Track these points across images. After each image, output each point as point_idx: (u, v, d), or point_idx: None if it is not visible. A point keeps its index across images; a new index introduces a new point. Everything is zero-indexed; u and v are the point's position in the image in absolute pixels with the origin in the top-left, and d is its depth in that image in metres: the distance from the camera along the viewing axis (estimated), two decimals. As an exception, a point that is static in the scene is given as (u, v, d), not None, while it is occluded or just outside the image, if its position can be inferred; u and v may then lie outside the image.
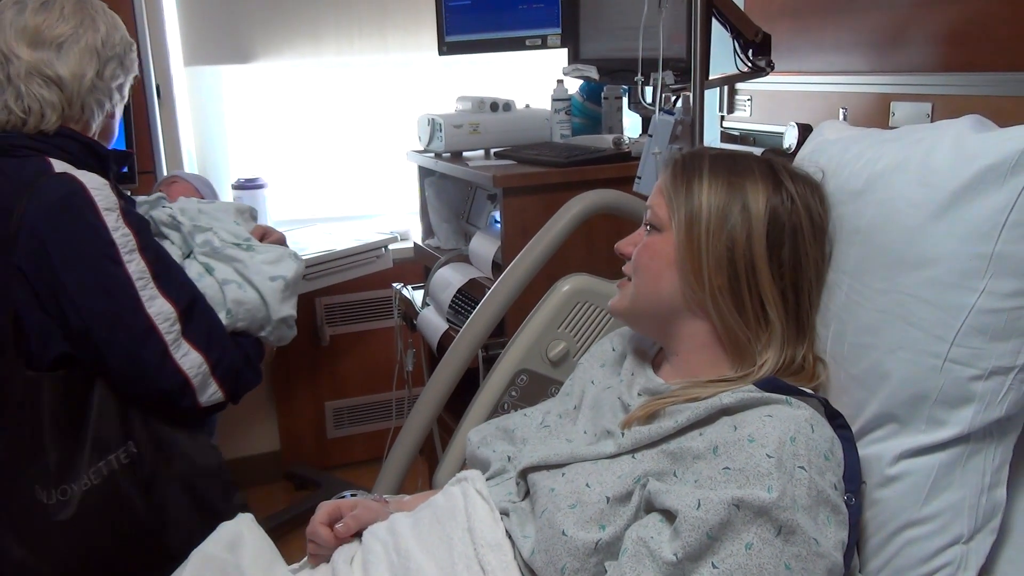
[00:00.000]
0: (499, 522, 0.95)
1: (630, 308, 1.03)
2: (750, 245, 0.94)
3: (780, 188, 0.97)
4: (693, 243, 0.96)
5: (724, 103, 2.28)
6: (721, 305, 0.95)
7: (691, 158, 1.02)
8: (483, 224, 2.06)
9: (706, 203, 0.96)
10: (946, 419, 0.84)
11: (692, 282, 0.96)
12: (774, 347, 0.94)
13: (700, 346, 0.98)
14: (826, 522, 0.79)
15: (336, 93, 2.82)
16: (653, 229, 1.01)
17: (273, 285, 1.48)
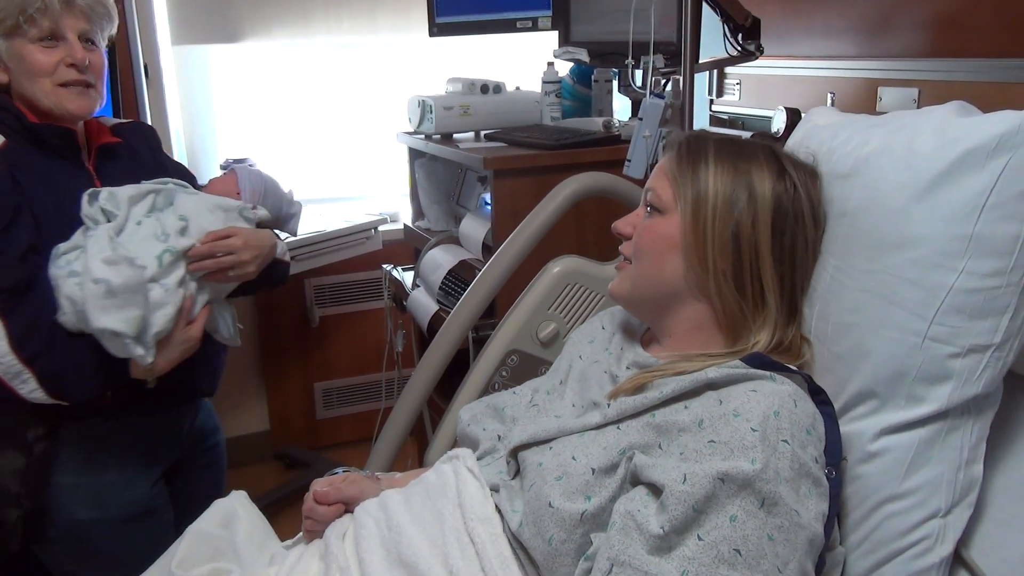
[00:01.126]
0: (489, 498, 0.96)
1: (631, 291, 1.04)
2: (755, 231, 0.96)
3: (784, 175, 0.99)
4: (699, 227, 0.97)
5: (713, 87, 2.29)
6: (724, 289, 0.96)
7: (696, 141, 1.02)
8: (473, 206, 2.07)
9: (712, 187, 0.97)
10: (925, 396, 0.87)
11: (696, 265, 0.97)
12: (767, 329, 0.97)
13: (695, 328, 1.00)
14: (807, 494, 0.81)
15: (325, 73, 2.81)
16: (655, 211, 1.01)
17: (94, 288, 1.20)
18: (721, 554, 0.77)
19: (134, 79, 2.50)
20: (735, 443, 0.81)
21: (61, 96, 1.32)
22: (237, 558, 1.11)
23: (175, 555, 1.10)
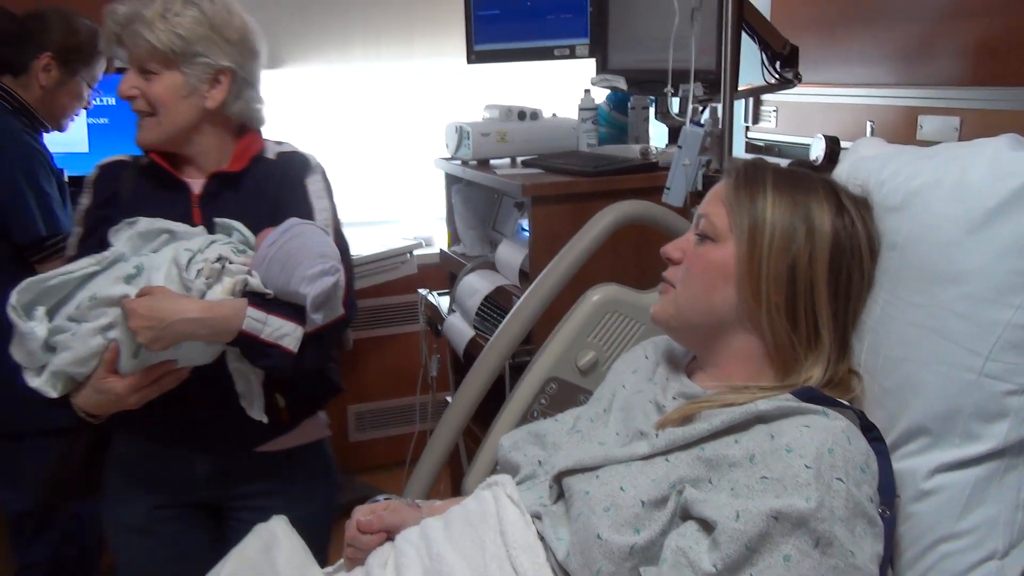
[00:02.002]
0: (531, 525, 0.96)
1: (675, 316, 1.02)
2: (812, 266, 0.95)
3: (843, 210, 0.98)
4: (754, 258, 0.96)
5: (749, 114, 2.29)
6: (776, 322, 0.95)
7: (754, 169, 1.01)
8: (510, 232, 2.08)
9: (770, 218, 0.96)
10: (980, 433, 0.85)
11: (748, 297, 0.96)
12: (820, 364, 0.95)
13: (743, 359, 0.99)
14: (863, 534, 0.80)
15: (364, 99, 2.85)
16: (707, 239, 1.00)
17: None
18: None
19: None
20: (788, 480, 0.80)
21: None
22: (278, 583, 1.12)
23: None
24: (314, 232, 1.30)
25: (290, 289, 1.24)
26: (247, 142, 1.43)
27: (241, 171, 1.40)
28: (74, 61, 1.93)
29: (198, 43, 1.33)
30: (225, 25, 1.36)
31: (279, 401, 1.39)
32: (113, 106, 2.40)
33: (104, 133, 2.41)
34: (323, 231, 1.34)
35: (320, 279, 1.22)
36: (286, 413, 1.41)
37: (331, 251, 1.27)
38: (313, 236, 1.29)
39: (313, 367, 1.33)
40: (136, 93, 1.34)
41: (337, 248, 1.31)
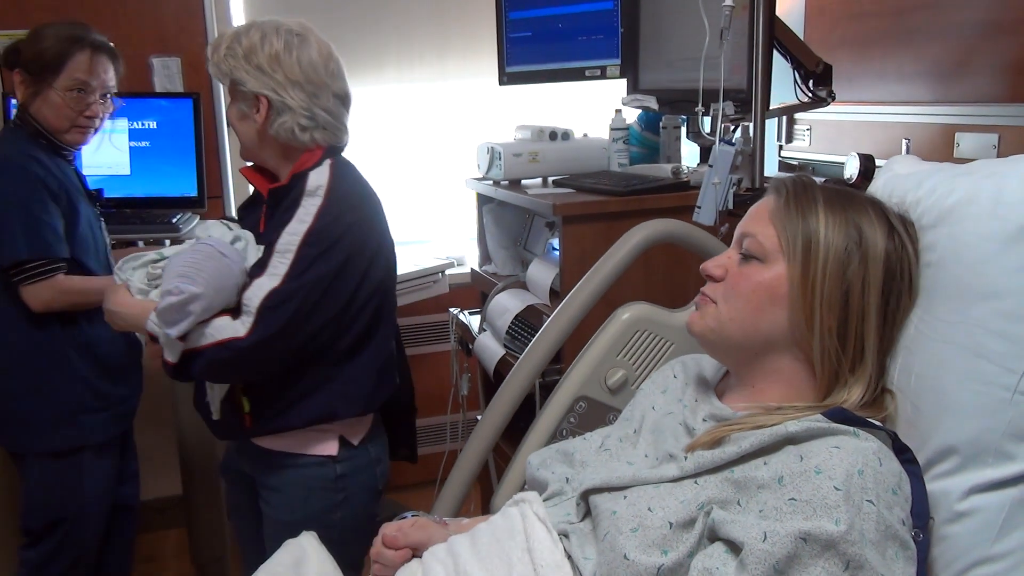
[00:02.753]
0: (558, 543, 0.95)
1: (716, 331, 1.00)
2: (866, 291, 0.94)
3: (893, 233, 0.97)
4: (808, 282, 0.93)
5: (783, 132, 2.28)
6: (827, 345, 0.93)
7: (803, 188, 0.99)
8: (541, 251, 2.09)
9: (824, 239, 0.94)
10: (1016, 453, 0.83)
11: (801, 321, 0.94)
12: (860, 385, 0.94)
13: (782, 379, 0.97)
14: (894, 558, 0.78)
15: (396, 119, 2.89)
16: (752, 258, 0.98)
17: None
18: None
19: (216, 126, 2.61)
20: (817, 502, 0.78)
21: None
22: (307, 599, 1.12)
23: (248, 594, 1.12)
24: (196, 252, 1.41)
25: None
26: (303, 160, 1.52)
27: (277, 188, 1.52)
28: (41, 71, 1.81)
29: (234, 73, 1.49)
30: (254, 54, 1.47)
31: (244, 405, 1.50)
32: (155, 129, 2.47)
33: (145, 156, 2.47)
34: (218, 254, 1.41)
35: (165, 297, 1.36)
36: (249, 418, 1.52)
37: (192, 272, 1.37)
38: (189, 256, 1.40)
39: (203, 379, 1.51)
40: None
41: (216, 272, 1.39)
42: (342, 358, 1.52)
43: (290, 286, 1.40)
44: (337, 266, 1.44)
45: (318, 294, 1.43)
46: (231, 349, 1.39)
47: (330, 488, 1.56)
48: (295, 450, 1.54)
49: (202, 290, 1.35)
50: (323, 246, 1.43)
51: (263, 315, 1.39)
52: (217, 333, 1.40)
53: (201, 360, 1.41)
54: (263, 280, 1.41)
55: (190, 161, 2.46)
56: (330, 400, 1.52)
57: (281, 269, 1.41)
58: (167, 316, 1.36)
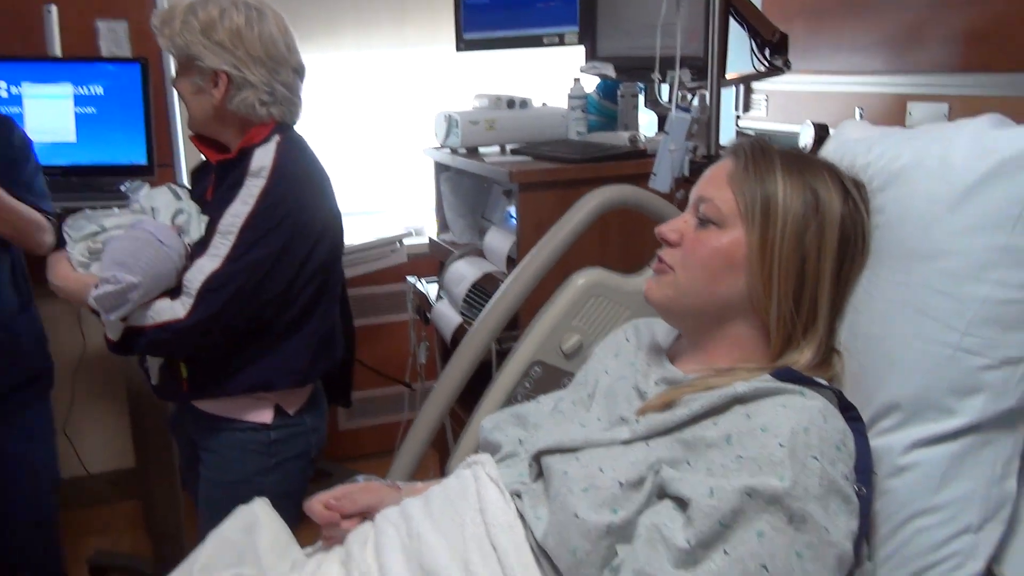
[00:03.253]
0: (510, 503, 0.96)
1: (674, 299, 0.99)
2: (822, 254, 0.94)
3: (848, 197, 0.97)
4: (767, 245, 0.93)
5: (740, 102, 2.29)
6: (784, 309, 0.94)
7: (761, 152, 0.98)
8: (498, 219, 2.08)
9: (783, 204, 0.94)
10: (956, 408, 0.85)
11: (759, 286, 0.94)
12: (812, 346, 0.95)
13: (736, 342, 0.98)
14: (837, 511, 0.80)
15: (353, 87, 2.84)
16: (709, 223, 0.97)
17: None
18: (748, 570, 0.76)
19: (165, 92, 2.54)
20: (763, 459, 0.80)
21: None
22: (259, 564, 1.11)
23: (198, 560, 1.11)
24: (132, 240, 1.41)
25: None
26: (251, 135, 1.50)
27: (225, 161, 1.51)
28: None
29: (191, 48, 1.45)
30: (213, 29, 1.44)
31: (182, 370, 1.51)
32: (101, 96, 2.40)
33: (92, 122, 2.40)
34: (155, 241, 1.40)
35: (103, 285, 1.36)
36: (186, 383, 1.52)
37: (130, 261, 1.37)
38: (125, 243, 1.40)
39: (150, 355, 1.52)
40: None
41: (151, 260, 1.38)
42: (281, 334, 1.52)
43: (230, 268, 1.40)
44: (278, 249, 1.43)
45: (258, 276, 1.43)
46: (171, 331, 1.41)
47: (263, 452, 1.57)
48: (231, 415, 1.56)
49: (139, 279, 1.36)
50: (264, 229, 1.42)
51: (203, 297, 1.40)
52: (157, 315, 1.41)
53: (142, 340, 1.43)
54: (204, 261, 1.41)
55: (139, 128, 2.39)
56: (266, 372, 1.52)
57: (222, 251, 1.40)
58: (105, 302, 1.36)
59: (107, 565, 2.40)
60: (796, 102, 2.09)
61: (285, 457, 1.59)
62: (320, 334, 1.57)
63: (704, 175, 1.02)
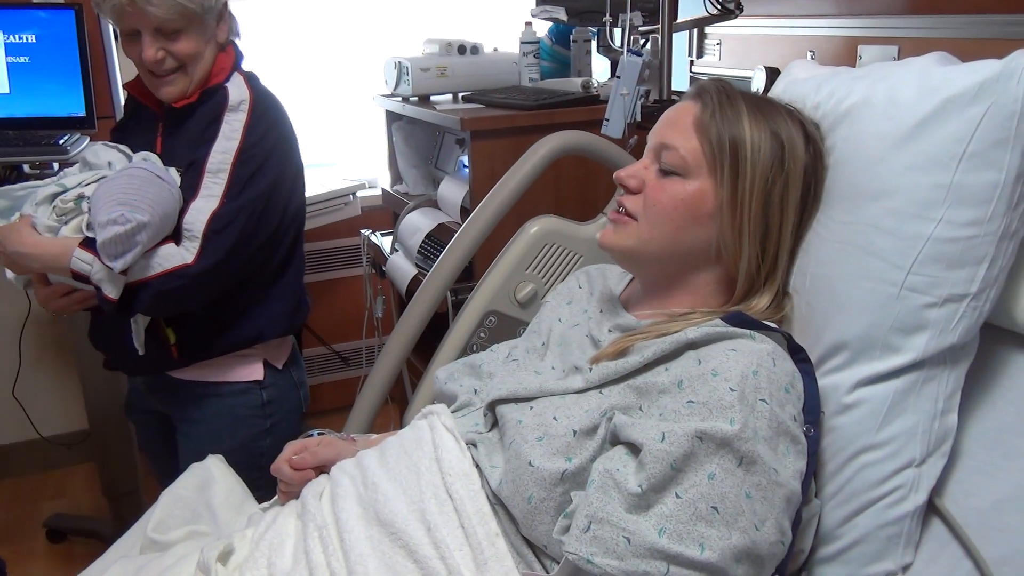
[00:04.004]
0: (466, 453, 0.96)
1: (635, 249, 0.98)
2: (784, 206, 0.95)
3: (809, 144, 0.97)
4: (738, 202, 0.93)
5: (693, 47, 2.27)
6: (752, 260, 0.94)
7: (727, 100, 0.95)
8: (451, 169, 2.05)
9: (751, 160, 0.93)
10: (901, 346, 0.87)
11: (730, 239, 0.94)
12: (771, 292, 0.96)
13: (695, 290, 0.98)
14: (785, 452, 0.81)
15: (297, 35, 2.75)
16: (672, 173, 0.95)
17: None
18: (699, 511, 0.77)
19: (103, 41, 2.44)
20: (713, 403, 0.80)
21: (150, 83, 1.43)
22: (214, 520, 1.11)
23: (151, 519, 1.10)
24: (133, 177, 1.30)
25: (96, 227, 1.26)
26: (215, 69, 1.45)
27: (188, 105, 1.43)
28: None
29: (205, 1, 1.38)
30: None
31: (170, 336, 1.44)
32: (34, 44, 2.29)
33: (25, 72, 2.30)
34: (156, 178, 1.32)
35: (108, 227, 1.23)
36: (175, 349, 1.45)
37: (135, 199, 1.25)
38: (126, 181, 1.28)
39: (149, 314, 1.38)
40: (163, 55, 1.38)
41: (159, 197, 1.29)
42: (269, 279, 1.49)
43: (231, 207, 1.35)
44: (270, 184, 1.40)
45: (258, 214, 1.38)
46: (181, 277, 1.32)
47: (257, 415, 1.54)
48: (219, 378, 1.50)
49: (148, 218, 1.25)
50: (256, 164, 1.38)
51: (209, 239, 1.33)
52: (164, 262, 1.31)
53: (147, 292, 1.32)
54: (200, 203, 1.34)
55: (76, 78, 2.29)
56: (257, 323, 1.49)
57: (216, 190, 1.34)
58: (113, 248, 1.24)
59: (65, 528, 2.37)
60: (749, 47, 2.08)
61: (280, 417, 1.56)
62: (300, 278, 1.57)
63: (666, 117, 1.00)
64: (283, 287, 1.52)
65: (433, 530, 0.87)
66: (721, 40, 2.17)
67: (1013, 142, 0.82)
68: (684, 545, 0.76)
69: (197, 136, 1.39)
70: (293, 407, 1.59)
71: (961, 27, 1.51)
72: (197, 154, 1.38)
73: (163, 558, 0.99)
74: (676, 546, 0.76)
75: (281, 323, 1.53)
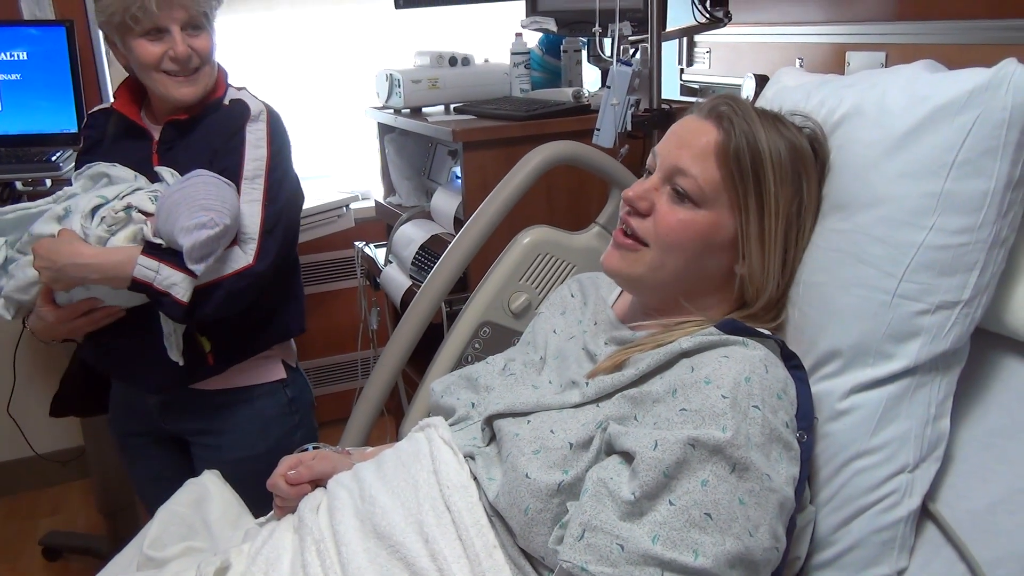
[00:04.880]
0: (464, 465, 0.96)
1: (643, 277, 0.96)
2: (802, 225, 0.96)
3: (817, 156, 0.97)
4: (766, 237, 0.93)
5: (683, 56, 2.28)
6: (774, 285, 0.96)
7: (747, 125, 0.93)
8: (444, 180, 2.05)
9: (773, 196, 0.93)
10: (894, 353, 0.87)
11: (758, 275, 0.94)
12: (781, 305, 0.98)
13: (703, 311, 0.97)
14: (778, 459, 0.81)
15: (290, 49, 2.76)
16: (686, 198, 0.93)
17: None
18: (692, 518, 0.77)
19: (94, 52, 2.44)
20: (706, 411, 0.81)
21: (168, 85, 1.42)
22: (210, 536, 1.11)
23: (147, 535, 1.09)
24: (208, 184, 1.32)
25: (173, 239, 1.28)
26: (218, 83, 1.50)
27: (190, 119, 1.46)
28: None
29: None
30: None
31: (204, 344, 1.44)
32: (25, 61, 2.29)
33: (17, 89, 2.30)
34: (226, 184, 1.36)
35: (195, 231, 1.25)
36: (211, 356, 1.46)
37: (217, 204, 1.28)
38: (204, 188, 1.31)
39: (216, 316, 1.36)
40: (190, 52, 1.41)
41: (234, 201, 1.34)
42: (288, 278, 1.56)
43: (273, 210, 1.41)
44: (294, 187, 1.49)
45: (292, 215, 1.48)
46: (247, 277, 1.36)
47: (286, 412, 1.57)
48: (247, 383, 1.53)
49: (231, 222, 1.31)
50: (282, 170, 1.45)
51: (264, 239, 1.39)
52: (234, 263, 1.36)
53: (219, 292, 1.34)
54: (246, 208, 1.40)
55: (67, 94, 2.29)
56: (283, 320, 1.55)
57: (257, 195, 1.40)
58: (201, 251, 1.26)
59: (61, 546, 2.36)
60: (738, 55, 2.09)
61: (303, 413, 1.61)
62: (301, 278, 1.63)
63: (679, 137, 0.96)
64: (298, 285, 1.60)
65: (431, 542, 0.87)
66: (711, 48, 2.18)
67: (1002, 150, 0.83)
68: (678, 552, 0.76)
69: (216, 147, 1.43)
70: (310, 402, 1.65)
71: (948, 33, 1.53)
72: (227, 163, 1.41)
73: (160, 574, 0.99)
74: (670, 553, 0.76)
75: (300, 319, 1.60)
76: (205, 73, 1.45)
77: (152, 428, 1.58)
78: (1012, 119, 0.83)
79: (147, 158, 1.46)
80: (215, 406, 1.52)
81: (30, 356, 2.53)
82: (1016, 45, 1.37)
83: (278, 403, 1.56)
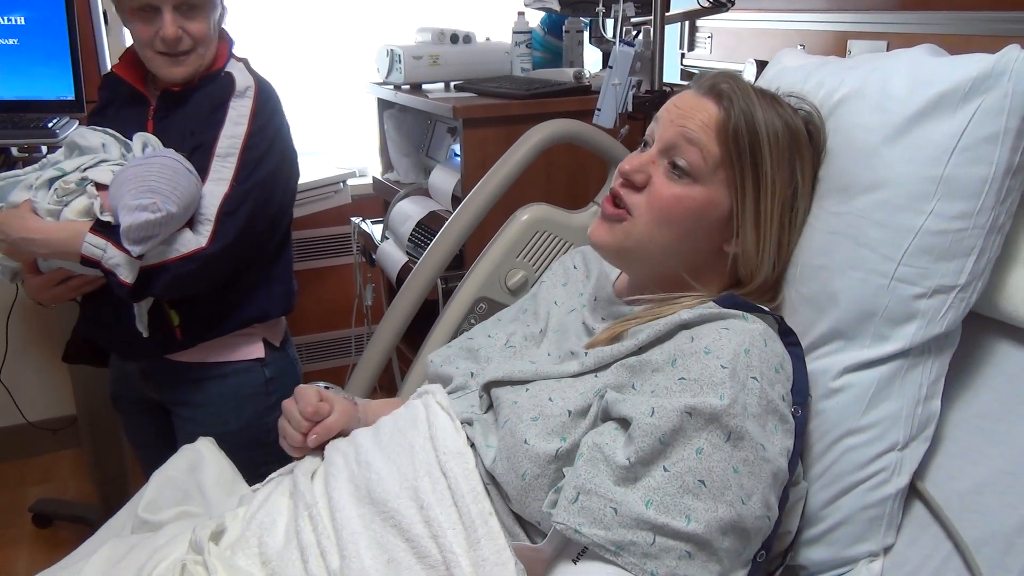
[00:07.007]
0: (461, 432, 0.96)
1: (626, 247, 0.96)
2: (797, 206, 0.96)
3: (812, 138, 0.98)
4: (762, 217, 0.93)
5: (685, 40, 2.28)
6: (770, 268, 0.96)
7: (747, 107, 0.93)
8: (443, 157, 2.05)
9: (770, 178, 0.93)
10: (890, 335, 0.88)
11: (752, 255, 0.95)
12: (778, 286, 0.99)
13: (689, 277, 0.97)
14: (773, 430, 0.83)
15: (291, 23, 2.74)
16: (683, 174, 0.93)
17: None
18: (686, 484, 0.78)
19: (93, 26, 2.42)
20: (705, 380, 0.81)
21: (159, 64, 1.42)
22: (205, 501, 1.11)
23: (142, 499, 1.10)
24: (165, 167, 1.30)
25: (116, 215, 1.26)
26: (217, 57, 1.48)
27: (185, 89, 1.45)
28: None
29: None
30: None
31: (173, 318, 1.44)
32: (23, 26, 2.27)
33: (14, 55, 2.28)
34: (186, 171, 1.33)
35: (136, 212, 1.23)
36: (179, 331, 1.46)
37: (167, 189, 1.26)
38: (159, 170, 1.29)
39: (166, 296, 1.38)
40: (181, 34, 1.40)
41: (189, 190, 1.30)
42: (269, 260, 1.53)
43: (240, 190, 1.38)
44: (274, 168, 1.44)
45: (264, 196, 1.42)
46: (196, 260, 1.34)
47: (261, 392, 1.56)
48: (222, 358, 1.52)
49: (177, 209, 1.27)
50: (262, 149, 1.41)
51: (221, 222, 1.36)
52: (182, 247, 1.34)
53: (165, 275, 1.33)
54: (211, 187, 1.38)
55: (64, 61, 2.27)
56: (262, 302, 1.53)
57: (226, 174, 1.38)
58: (138, 233, 1.24)
59: (51, 513, 2.36)
60: (740, 40, 2.09)
61: (282, 393, 1.54)
62: (292, 258, 1.61)
63: (679, 111, 0.95)
64: (282, 267, 1.56)
65: (426, 508, 0.88)
66: (712, 33, 2.18)
67: (1003, 137, 0.84)
68: (670, 516, 0.77)
69: (200, 120, 1.42)
70: (292, 383, 1.60)
71: (950, 23, 1.53)
72: (204, 138, 1.40)
73: (155, 537, 1.00)
74: (662, 517, 0.77)
75: (281, 302, 1.57)
76: (197, 55, 1.43)
77: (141, 395, 1.60)
78: (1013, 106, 0.84)
79: (142, 126, 1.46)
80: (191, 380, 1.52)
81: (23, 324, 2.53)
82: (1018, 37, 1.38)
83: (254, 382, 1.55)
